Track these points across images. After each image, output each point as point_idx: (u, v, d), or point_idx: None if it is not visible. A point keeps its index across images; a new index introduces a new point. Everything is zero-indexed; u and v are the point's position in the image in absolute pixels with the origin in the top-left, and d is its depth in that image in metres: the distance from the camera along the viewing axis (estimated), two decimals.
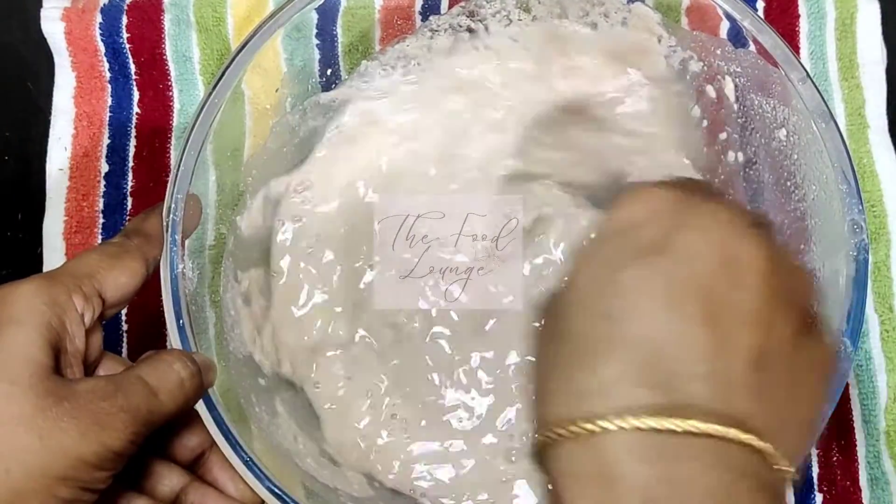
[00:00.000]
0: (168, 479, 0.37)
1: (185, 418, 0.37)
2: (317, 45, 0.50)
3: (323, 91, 0.49)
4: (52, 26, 0.52)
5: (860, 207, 0.40)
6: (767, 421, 0.28)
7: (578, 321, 0.30)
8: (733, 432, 0.27)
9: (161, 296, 0.39)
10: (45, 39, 0.52)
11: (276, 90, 0.47)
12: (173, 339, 0.39)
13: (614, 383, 0.28)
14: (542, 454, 0.30)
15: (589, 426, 0.28)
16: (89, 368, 0.36)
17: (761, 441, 0.28)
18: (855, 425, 0.47)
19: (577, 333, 0.30)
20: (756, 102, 0.45)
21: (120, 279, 0.37)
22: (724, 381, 0.28)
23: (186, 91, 0.52)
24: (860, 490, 0.47)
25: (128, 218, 0.50)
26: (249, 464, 0.37)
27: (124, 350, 0.49)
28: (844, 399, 0.47)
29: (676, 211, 0.31)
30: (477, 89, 0.49)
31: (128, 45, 0.52)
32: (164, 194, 0.41)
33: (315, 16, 0.49)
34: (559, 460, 0.29)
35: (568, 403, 0.29)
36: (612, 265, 0.30)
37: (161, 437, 0.37)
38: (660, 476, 0.27)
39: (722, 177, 0.48)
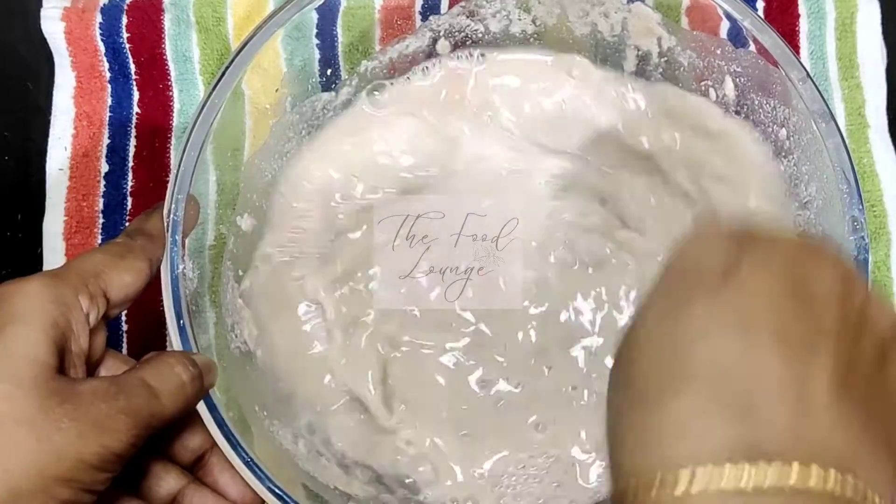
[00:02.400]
0: (166, 481, 0.37)
1: (186, 419, 0.37)
2: (317, 45, 0.50)
3: (323, 91, 0.49)
4: (52, 26, 0.52)
5: (860, 207, 0.40)
6: (850, 447, 0.27)
7: (646, 359, 0.29)
8: (817, 473, 0.25)
9: (161, 296, 0.39)
10: (45, 39, 0.52)
11: (276, 90, 0.47)
12: (174, 340, 0.39)
13: (688, 417, 0.27)
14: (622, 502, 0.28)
15: (669, 477, 0.26)
16: (92, 368, 0.36)
17: (844, 476, 0.26)
18: None
19: (647, 372, 0.29)
20: (756, 102, 0.45)
21: (125, 279, 0.37)
22: (803, 405, 0.27)
23: (186, 91, 0.52)
24: None
25: (128, 218, 0.50)
26: (250, 464, 0.37)
27: (124, 350, 0.49)
28: None
29: (738, 244, 0.30)
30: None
31: (128, 45, 0.52)
32: (164, 194, 0.41)
33: (315, 16, 0.49)
34: None
35: (643, 445, 0.27)
36: (678, 301, 0.29)
37: (162, 439, 0.37)
38: None
39: None
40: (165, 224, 0.40)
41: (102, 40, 0.52)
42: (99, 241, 0.50)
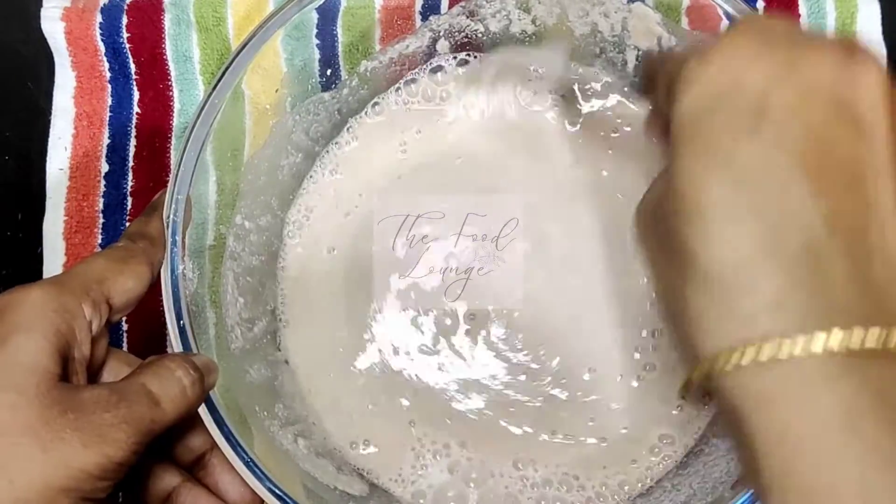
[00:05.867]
0: (161, 479, 0.37)
1: (187, 420, 0.37)
2: (317, 45, 0.50)
3: (323, 91, 0.49)
4: (52, 26, 0.52)
5: None
6: None
7: (697, 221, 0.26)
8: None
9: (161, 296, 0.39)
10: (45, 39, 0.52)
11: (276, 90, 0.47)
12: (174, 340, 0.39)
13: (757, 283, 0.25)
14: (709, 385, 0.27)
15: (765, 351, 0.25)
16: (94, 372, 0.36)
17: None
18: None
19: (702, 239, 0.26)
20: None
21: (127, 284, 0.37)
22: (868, 250, 0.25)
23: (186, 91, 0.52)
24: None
25: (128, 218, 0.50)
26: (250, 464, 0.37)
27: (124, 349, 0.49)
28: None
29: (775, 59, 0.27)
30: None
31: (128, 45, 0.52)
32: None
33: (315, 16, 0.49)
34: (737, 388, 0.26)
35: (715, 318, 0.26)
36: (719, 146, 0.26)
37: (163, 438, 0.37)
38: (858, 386, 0.25)
39: None
40: (165, 225, 0.40)
41: (102, 40, 0.52)
42: (99, 241, 0.50)
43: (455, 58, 0.50)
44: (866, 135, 0.26)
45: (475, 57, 0.50)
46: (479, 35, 0.49)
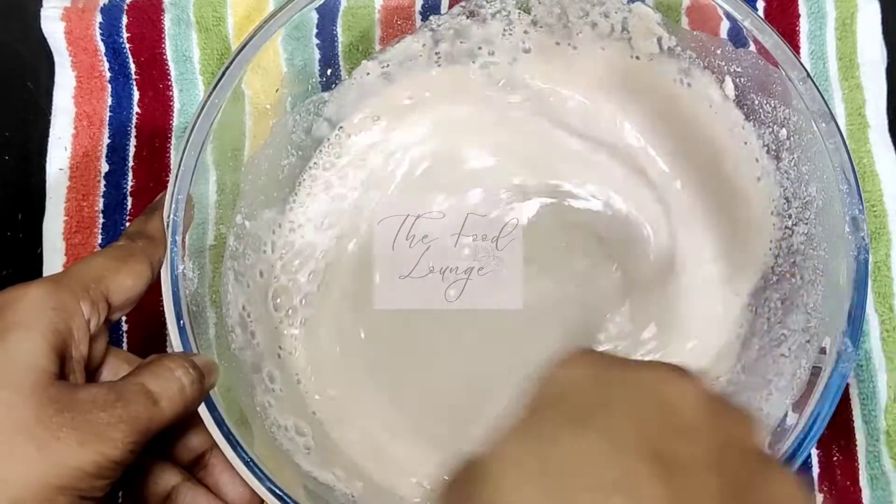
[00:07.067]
0: (161, 478, 0.37)
1: (186, 419, 0.37)
2: (317, 45, 0.50)
3: (323, 91, 0.49)
4: (52, 26, 0.52)
5: (860, 207, 0.40)
6: None
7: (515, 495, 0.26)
8: None
9: (162, 295, 0.39)
10: (45, 39, 0.52)
11: (276, 90, 0.47)
12: (174, 340, 0.39)
13: None
14: None
15: None
16: (93, 371, 0.36)
17: None
18: (855, 425, 0.47)
19: None
20: (756, 102, 0.45)
21: (126, 282, 0.37)
22: None
23: (186, 91, 0.52)
24: (860, 490, 0.47)
25: (128, 218, 0.50)
26: (250, 464, 0.37)
27: (124, 349, 0.48)
28: (844, 399, 0.47)
29: (605, 373, 0.29)
30: None
31: (128, 45, 0.52)
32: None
33: (315, 16, 0.49)
34: None
35: None
36: (546, 435, 0.27)
37: (162, 437, 0.37)
38: None
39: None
40: (166, 224, 0.40)
41: (102, 40, 0.52)
42: (99, 241, 0.50)
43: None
44: (686, 436, 0.27)
45: None
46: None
